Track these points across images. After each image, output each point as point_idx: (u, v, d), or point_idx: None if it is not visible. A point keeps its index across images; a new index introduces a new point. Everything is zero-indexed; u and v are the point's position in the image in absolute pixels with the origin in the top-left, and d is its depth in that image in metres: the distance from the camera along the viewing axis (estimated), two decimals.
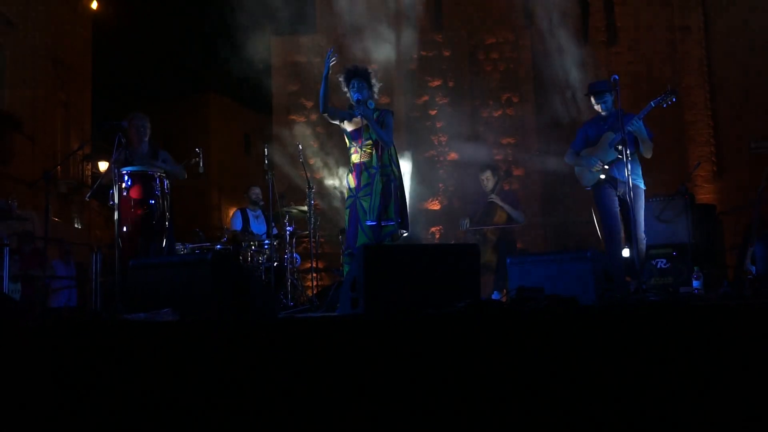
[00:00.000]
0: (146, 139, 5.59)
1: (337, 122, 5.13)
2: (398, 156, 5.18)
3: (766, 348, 2.42)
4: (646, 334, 2.52)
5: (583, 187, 5.50)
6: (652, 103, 5.18)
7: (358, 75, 5.03)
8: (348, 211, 5.06)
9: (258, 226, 7.37)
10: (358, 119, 4.99)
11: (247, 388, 2.65)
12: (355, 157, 5.04)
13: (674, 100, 5.21)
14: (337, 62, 5.00)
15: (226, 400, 2.65)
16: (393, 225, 4.87)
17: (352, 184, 5.05)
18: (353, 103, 4.97)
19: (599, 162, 5.23)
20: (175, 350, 2.79)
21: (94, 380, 2.76)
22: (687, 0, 16.19)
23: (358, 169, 4.99)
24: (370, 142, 4.95)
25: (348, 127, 5.08)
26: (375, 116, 4.95)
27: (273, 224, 6.82)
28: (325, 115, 5.04)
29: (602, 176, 5.24)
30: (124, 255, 4.77)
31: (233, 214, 7.75)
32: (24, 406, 2.76)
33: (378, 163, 4.87)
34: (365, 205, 4.87)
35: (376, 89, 5.11)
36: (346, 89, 5.07)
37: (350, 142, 5.10)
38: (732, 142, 15.36)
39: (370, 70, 5.13)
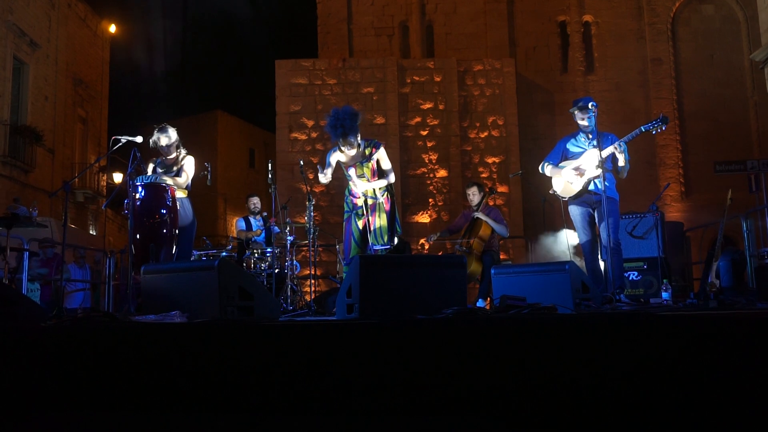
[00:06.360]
0: (173, 150, 5.51)
1: (333, 166, 5.26)
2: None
3: (730, 353, 2.43)
4: (618, 341, 2.53)
5: (559, 200, 5.40)
6: (642, 128, 4.89)
7: (348, 132, 4.97)
8: (344, 225, 5.14)
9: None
10: (351, 154, 5.13)
11: (250, 385, 2.64)
12: (352, 185, 5.20)
13: (664, 128, 4.83)
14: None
15: (230, 396, 2.63)
16: (387, 247, 5.10)
17: (350, 203, 5.22)
18: (341, 147, 5.09)
19: (580, 169, 5.09)
20: (182, 350, 2.78)
21: (106, 377, 2.74)
22: (658, 34, 16.35)
23: (356, 194, 5.18)
24: (365, 177, 5.14)
25: (342, 159, 5.20)
26: (367, 153, 5.13)
27: (279, 230, 6.85)
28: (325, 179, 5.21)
29: (580, 187, 5.10)
30: (136, 260, 4.74)
31: (237, 220, 7.78)
32: (40, 400, 2.74)
33: (374, 193, 5.11)
34: (359, 221, 5.08)
35: (359, 131, 5.10)
36: (340, 144, 5.07)
37: (346, 173, 5.25)
38: (698, 165, 15.47)
39: (355, 117, 5.01)
